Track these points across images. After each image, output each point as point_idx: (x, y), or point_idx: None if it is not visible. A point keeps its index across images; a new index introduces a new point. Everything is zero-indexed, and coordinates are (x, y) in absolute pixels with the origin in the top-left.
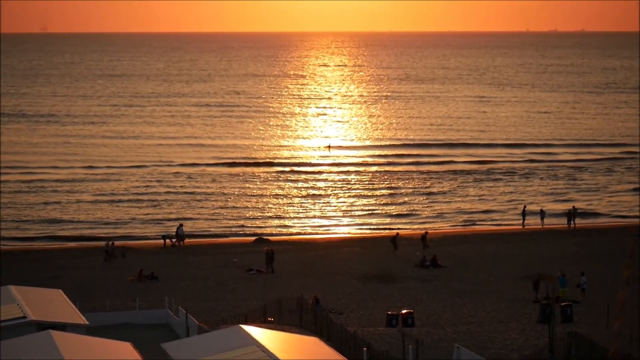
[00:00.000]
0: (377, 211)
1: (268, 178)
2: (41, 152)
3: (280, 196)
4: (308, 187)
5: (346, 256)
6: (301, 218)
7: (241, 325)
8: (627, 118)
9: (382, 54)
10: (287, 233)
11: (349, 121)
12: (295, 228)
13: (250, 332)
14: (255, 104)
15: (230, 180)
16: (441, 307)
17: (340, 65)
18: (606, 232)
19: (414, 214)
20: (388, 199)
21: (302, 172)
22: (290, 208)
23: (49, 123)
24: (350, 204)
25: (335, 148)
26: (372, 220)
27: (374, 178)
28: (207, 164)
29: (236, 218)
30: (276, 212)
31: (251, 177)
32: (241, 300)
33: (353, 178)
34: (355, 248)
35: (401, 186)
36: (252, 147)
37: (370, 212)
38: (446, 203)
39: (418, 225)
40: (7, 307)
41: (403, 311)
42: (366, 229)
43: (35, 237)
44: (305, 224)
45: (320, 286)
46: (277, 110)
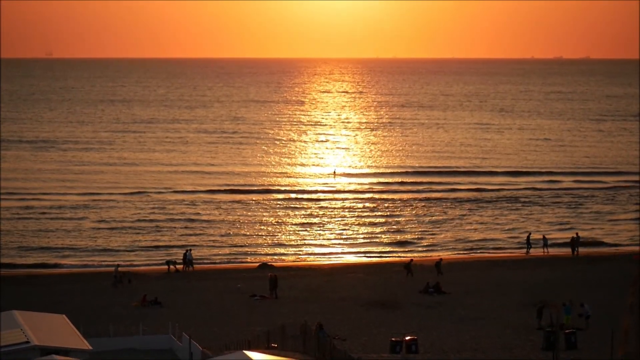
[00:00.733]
0: (381, 238)
1: (272, 204)
2: (42, 179)
3: (284, 222)
4: (312, 213)
5: (350, 282)
6: (305, 244)
7: (244, 351)
8: (628, 146)
9: (385, 80)
10: (291, 259)
11: (352, 148)
12: (299, 254)
13: (253, 358)
14: (257, 131)
15: (233, 206)
16: (445, 334)
17: (342, 91)
18: (610, 260)
19: (418, 241)
20: (391, 226)
21: (306, 199)
22: (294, 234)
23: (49, 149)
24: (353, 231)
25: (339, 175)
26: (376, 246)
27: (377, 205)
28: (209, 191)
29: (240, 244)
30: (280, 238)
31: (254, 204)
32: (245, 326)
33: (356, 204)
34: (359, 274)
35: (404, 213)
36: (255, 174)
37: (373, 239)
38: (449, 230)
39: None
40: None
41: (407, 338)
42: (370, 255)
43: (35, 265)
44: (309, 250)
45: (323, 312)
46: (279, 136)
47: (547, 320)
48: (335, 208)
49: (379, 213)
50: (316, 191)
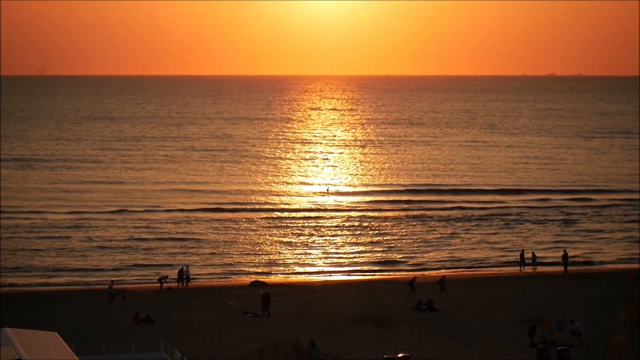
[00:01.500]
0: (373, 255)
1: (264, 222)
2: (30, 197)
3: (276, 240)
4: (303, 231)
5: (342, 299)
6: (297, 261)
7: None
8: (618, 163)
9: (375, 98)
10: (284, 276)
11: (342, 165)
12: (291, 271)
13: None
14: (246, 148)
15: (225, 224)
16: (438, 351)
17: (333, 109)
18: (602, 277)
19: (409, 259)
20: (383, 244)
21: (298, 217)
22: (286, 251)
23: (37, 167)
24: (345, 248)
25: (333, 193)
26: (368, 265)
27: (369, 222)
28: (201, 209)
29: (232, 262)
30: (272, 256)
31: (246, 222)
32: (237, 343)
33: (348, 222)
34: (351, 291)
35: (396, 231)
36: (245, 192)
37: (365, 256)
38: (441, 248)
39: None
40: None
41: (399, 355)
42: (362, 273)
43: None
44: (301, 268)
45: (316, 329)
46: (269, 154)
47: (540, 337)
48: (327, 225)
49: (371, 231)
50: (308, 209)
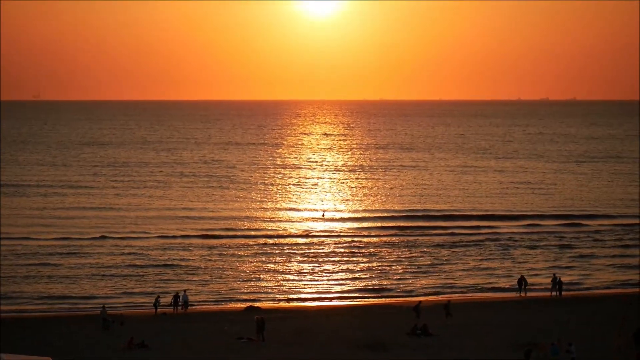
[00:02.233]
0: (367, 280)
1: (257, 247)
2: (21, 224)
3: (270, 265)
4: (297, 256)
5: (337, 324)
6: (292, 287)
7: None
8: (609, 189)
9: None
10: (278, 301)
11: (335, 191)
12: (286, 297)
13: None
14: (236, 174)
15: (219, 250)
16: None
17: (325, 133)
18: (596, 301)
19: (403, 284)
20: (377, 269)
21: (291, 243)
22: (280, 277)
23: (28, 192)
24: (339, 273)
25: (328, 220)
26: (362, 289)
27: (363, 247)
28: (195, 236)
29: (227, 287)
30: (266, 281)
31: (240, 247)
32: None
33: (341, 247)
34: (345, 316)
35: (390, 256)
36: (238, 217)
37: (359, 281)
38: (435, 273)
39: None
40: None
41: None
42: (356, 297)
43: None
44: (295, 293)
45: (311, 355)
46: (260, 179)
47: None
48: (320, 251)
49: (365, 256)
50: (301, 234)
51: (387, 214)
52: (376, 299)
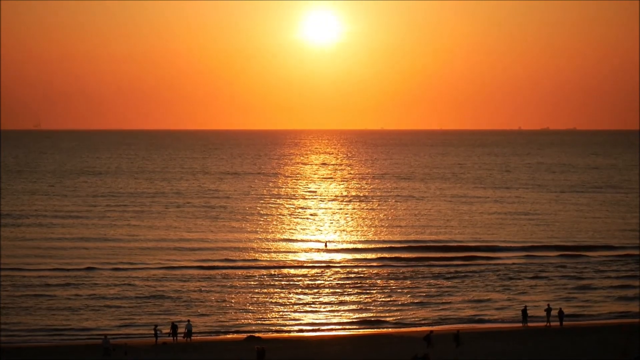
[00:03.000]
0: (367, 310)
1: (256, 277)
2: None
3: (271, 295)
4: (298, 286)
5: (337, 354)
6: (292, 316)
7: None
8: (610, 219)
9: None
10: (279, 331)
11: (334, 221)
12: (286, 326)
13: None
14: (235, 204)
15: (218, 280)
16: None
17: (323, 163)
18: (596, 331)
19: (404, 314)
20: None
21: (290, 273)
22: (281, 307)
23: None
24: (340, 303)
25: (329, 250)
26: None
27: (363, 277)
28: (195, 267)
29: (227, 317)
30: (267, 311)
31: (240, 277)
32: None
33: (342, 276)
34: (346, 346)
35: (390, 286)
36: (237, 248)
37: (359, 311)
38: (437, 303)
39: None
40: None
41: None
42: (357, 327)
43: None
44: (296, 322)
45: None
46: (258, 209)
47: None
48: (321, 281)
49: (364, 286)
50: (300, 264)
51: (386, 245)
52: (376, 329)
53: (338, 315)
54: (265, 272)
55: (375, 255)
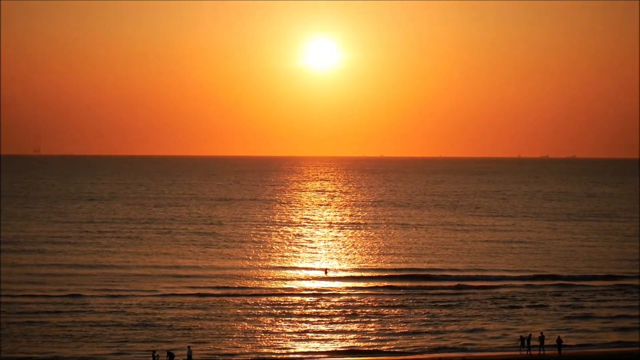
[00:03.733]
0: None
1: (254, 305)
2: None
3: (268, 322)
4: (295, 313)
5: None
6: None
7: None
8: (607, 249)
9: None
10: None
11: (330, 248)
12: (282, 354)
13: None
14: (231, 230)
15: (218, 307)
16: None
17: (320, 190)
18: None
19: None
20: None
21: (287, 302)
22: (279, 333)
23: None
24: (339, 332)
25: (328, 278)
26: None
27: (360, 306)
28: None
29: (225, 345)
30: (266, 339)
31: (237, 305)
32: None
33: (339, 305)
34: None
35: (388, 314)
36: (235, 275)
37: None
38: (436, 332)
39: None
40: None
41: None
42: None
43: None
44: (295, 349)
45: None
46: (254, 236)
47: None
48: (317, 309)
49: (361, 315)
50: (297, 291)
51: (382, 273)
52: (374, 357)
53: (333, 343)
54: (259, 300)
55: (370, 283)
